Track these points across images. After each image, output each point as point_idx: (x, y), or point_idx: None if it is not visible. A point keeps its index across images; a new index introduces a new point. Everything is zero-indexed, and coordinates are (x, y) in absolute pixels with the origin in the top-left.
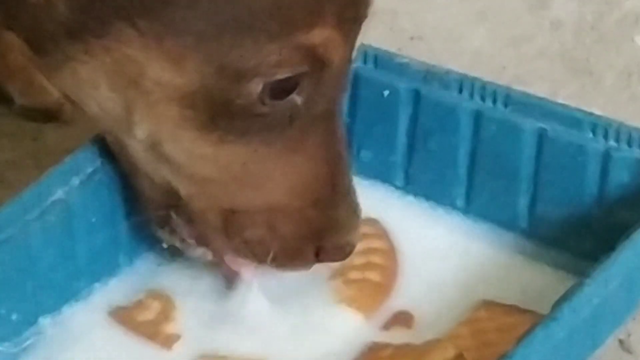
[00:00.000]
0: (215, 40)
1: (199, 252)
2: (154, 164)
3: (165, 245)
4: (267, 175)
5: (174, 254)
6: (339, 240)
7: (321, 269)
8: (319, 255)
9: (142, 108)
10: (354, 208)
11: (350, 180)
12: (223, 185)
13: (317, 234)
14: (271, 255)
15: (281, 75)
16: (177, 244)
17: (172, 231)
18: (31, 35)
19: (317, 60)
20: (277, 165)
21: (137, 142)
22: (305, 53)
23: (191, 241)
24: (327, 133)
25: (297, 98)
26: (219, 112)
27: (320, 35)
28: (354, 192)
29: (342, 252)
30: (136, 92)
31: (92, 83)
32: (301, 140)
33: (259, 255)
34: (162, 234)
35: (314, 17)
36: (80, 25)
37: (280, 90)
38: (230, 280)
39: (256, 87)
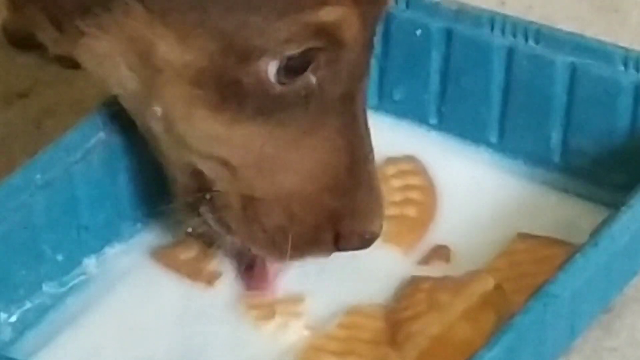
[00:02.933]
0: (221, 17)
1: (228, 240)
2: (173, 144)
3: (189, 230)
4: (283, 158)
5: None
6: (359, 227)
7: None
8: (338, 243)
9: (156, 86)
10: (375, 195)
11: (374, 167)
12: (240, 168)
13: (336, 221)
14: (290, 241)
15: (290, 52)
16: (205, 230)
17: (201, 219)
18: (47, 11)
19: (329, 39)
20: (294, 148)
21: (156, 121)
22: (316, 31)
23: (219, 229)
24: (346, 117)
25: (311, 77)
26: (229, 92)
27: (331, 13)
28: (377, 180)
29: (362, 239)
30: (149, 69)
31: (109, 59)
32: (319, 124)
33: (277, 241)
34: (190, 221)
35: None
36: (90, 1)
37: (291, 68)
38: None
39: (264, 65)
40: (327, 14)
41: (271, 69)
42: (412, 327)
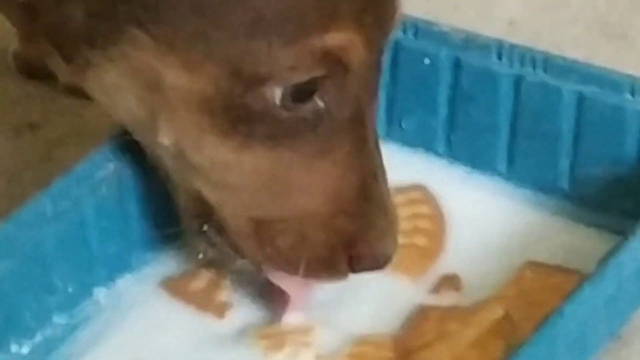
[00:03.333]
0: (227, 45)
1: (239, 263)
2: (182, 172)
3: (200, 256)
4: (294, 182)
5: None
6: (372, 249)
7: None
8: (352, 265)
9: (165, 114)
10: (389, 217)
11: (386, 188)
12: (251, 192)
13: (349, 243)
14: (302, 265)
15: (297, 79)
16: (215, 256)
17: (210, 242)
18: (56, 43)
19: (335, 64)
20: (305, 172)
21: (164, 149)
22: (322, 56)
23: (229, 252)
24: (357, 139)
25: (319, 102)
26: (238, 118)
27: (336, 38)
28: (390, 199)
29: (376, 261)
30: (157, 98)
31: (117, 89)
32: (328, 147)
33: (291, 264)
34: (199, 245)
35: (330, 19)
36: (97, 32)
37: (297, 94)
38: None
39: (271, 91)
40: (332, 39)
41: (278, 95)
42: (422, 356)
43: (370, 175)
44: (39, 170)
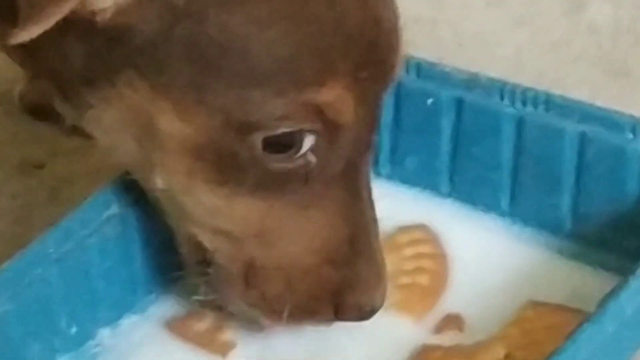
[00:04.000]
0: (220, 93)
1: (234, 308)
2: (178, 216)
3: (200, 298)
4: (283, 231)
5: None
6: (359, 300)
7: None
8: (338, 314)
9: (158, 158)
10: (377, 270)
11: (377, 240)
12: (242, 238)
13: (337, 292)
14: (286, 312)
15: (284, 128)
16: (214, 298)
17: (211, 286)
18: (56, 83)
19: (325, 121)
20: (294, 222)
21: (159, 192)
22: (313, 111)
23: (224, 297)
24: (348, 191)
25: (310, 157)
26: (228, 165)
27: (328, 94)
28: (380, 253)
29: (362, 312)
30: (151, 141)
31: (113, 130)
32: (319, 198)
33: (275, 311)
34: (200, 289)
35: (324, 75)
36: (95, 73)
37: (282, 145)
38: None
39: (257, 140)
40: (324, 96)
41: (267, 145)
42: None
43: (360, 227)
44: (45, 210)
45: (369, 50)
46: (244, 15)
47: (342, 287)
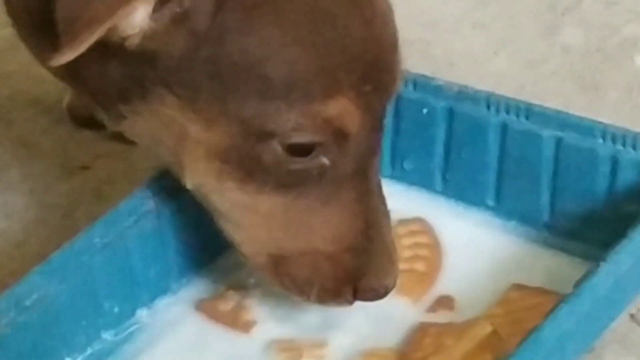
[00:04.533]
0: (240, 105)
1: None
2: (208, 208)
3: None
4: (305, 224)
5: None
6: (374, 283)
7: None
8: (357, 295)
9: (188, 162)
10: (389, 255)
11: (389, 231)
12: (267, 232)
13: (355, 277)
14: (315, 291)
15: (299, 139)
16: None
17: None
18: (95, 98)
19: (334, 131)
20: (314, 216)
21: (193, 190)
22: (322, 123)
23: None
24: (361, 189)
25: (324, 159)
26: (252, 167)
27: (335, 107)
28: (392, 241)
29: (376, 294)
30: (182, 148)
31: (146, 137)
32: (335, 195)
33: (304, 292)
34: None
35: (330, 89)
36: (130, 91)
37: (298, 150)
38: None
39: (276, 146)
40: (331, 108)
41: (287, 149)
42: None
43: (373, 219)
44: (90, 206)
45: (372, 66)
46: (258, 39)
47: (361, 272)
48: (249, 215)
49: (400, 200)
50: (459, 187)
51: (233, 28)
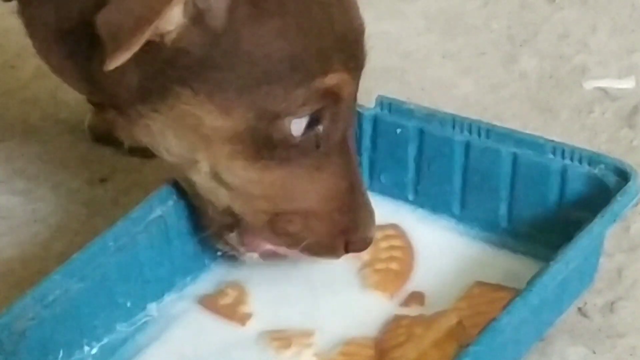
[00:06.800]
0: (253, 91)
1: (247, 256)
2: (215, 191)
3: (219, 253)
4: (301, 189)
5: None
6: (361, 235)
7: (355, 262)
8: (347, 247)
9: (203, 148)
10: (369, 210)
11: (365, 190)
12: (268, 200)
13: (344, 232)
14: (305, 242)
15: (306, 112)
16: (230, 252)
17: (227, 242)
18: (113, 101)
19: (332, 97)
20: (309, 182)
21: (200, 175)
22: (323, 93)
23: (241, 249)
24: (343, 155)
25: (319, 128)
26: (262, 146)
27: (333, 78)
28: (368, 197)
29: (364, 243)
30: (197, 136)
31: (161, 134)
32: (325, 161)
33: (297, 243)
34: (219, 245)
35: (327, 66)
36: (149, 91)
37: (308, 124)
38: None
39: (288, 124)
40: (330, 80)
41: (293, 125)
42: (395, 354)
43: (355, 180)
44: (108, 213)
45: (352, 45)
46: (265, 31)
47: (349, 227)
48: (256, 188)
49: (377, 208)
50: (429, 197)
51: (245, 23)
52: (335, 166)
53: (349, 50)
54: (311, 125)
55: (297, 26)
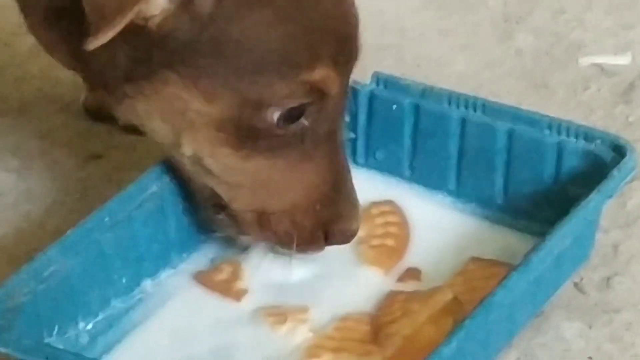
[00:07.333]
0: (238, 80)
1: (242, 239)
2: (199, 175)
3: (216, 234)
4: (285, 181)
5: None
6: (343, 227)
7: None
8: (328, 240)
9: (187, 133)
10: (354, 204)
11: (351, 182)
12: (252, 190)
13: (326, 224)
14: (295, 242)
15: (290, 104)
16: (226, 233)
17: (222, 225)
18: (101, 80)
19: (318, 92)
20: (293, 174)
21: (185, 158)
22: (309, 87)
23: (234, 232)
24: (330, 147)
25: (305, 122)
26: (245, 134)
27: (319, 73)
28: (354, 190)
29: (346, 237)
30: (181, 120)
31: (147, 115)
32: (311, 154)
33: (285, 243)
34: (214, 226)
35: (314, 60)
36: (135, 72)
37: (290, 116)
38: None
39: (271, 114)
40: (316, 75)
41: (275, 116)
42: (390, 329)
43: (340, 173)
44: (102, 190)
45: (343, 40)
46: (254, 20)
47: (331, 219)
48: (239, 176)
49: (373, 185)
50: (424, 174)
51: (234, 11)
52: (319, 159)
53: (340, 45)
54: (296, 118)
55: (287, 17)
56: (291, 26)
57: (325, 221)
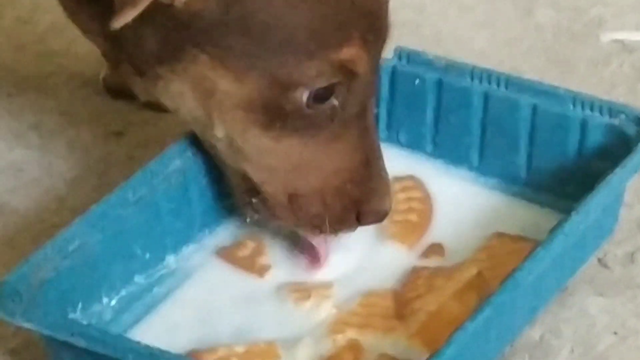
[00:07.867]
0: (266, 59)
1: (275, 224)
2: (232, 157)
3: (248, 221)
4: (316, 162)
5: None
6: (375, 207)
7: None
8: (360, 220)
9: (218, 114)
10: (385, 183)
11: (383, 162)
12: (283, 172)
13: (358, 204)
14: (327, 223)
15: (319, 84)
16: (259, 220)
17: (255, 210)
18: (133, 62)
19: (347, 72)
20: (324, 154)
21: (218, 140)
22: (338, 66)
23: (266, 217)
24: (361, 127)
25: (334, 102)
26: (275, 115)
27: (348, 53)
28: (385, 170)
29: (378, 216)
30: (212, 101)
31: (180, 95)
32: (341, 134)
33: (317, 225)
34: (247, 212)
35: (343, 39)
36: (165, 52)
37: (320, 96)
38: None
39: (300, 94)
40: (345, 54)
41: (305, 97)
42: (414, 305)
43: (370, 152)
44: (123, 167)
45: (372, 19)
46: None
47: (363, 199)
48: (270, 158)
49: (395, 160)
50: (447, 149)
51: None
52: (350, 139)
53: (369, 24)
54: (325, 98)
55: None
56: (319, 4)
57: (356, 201)
